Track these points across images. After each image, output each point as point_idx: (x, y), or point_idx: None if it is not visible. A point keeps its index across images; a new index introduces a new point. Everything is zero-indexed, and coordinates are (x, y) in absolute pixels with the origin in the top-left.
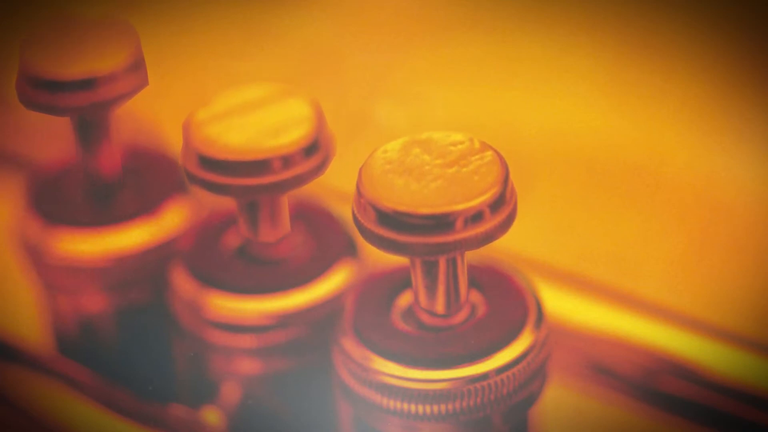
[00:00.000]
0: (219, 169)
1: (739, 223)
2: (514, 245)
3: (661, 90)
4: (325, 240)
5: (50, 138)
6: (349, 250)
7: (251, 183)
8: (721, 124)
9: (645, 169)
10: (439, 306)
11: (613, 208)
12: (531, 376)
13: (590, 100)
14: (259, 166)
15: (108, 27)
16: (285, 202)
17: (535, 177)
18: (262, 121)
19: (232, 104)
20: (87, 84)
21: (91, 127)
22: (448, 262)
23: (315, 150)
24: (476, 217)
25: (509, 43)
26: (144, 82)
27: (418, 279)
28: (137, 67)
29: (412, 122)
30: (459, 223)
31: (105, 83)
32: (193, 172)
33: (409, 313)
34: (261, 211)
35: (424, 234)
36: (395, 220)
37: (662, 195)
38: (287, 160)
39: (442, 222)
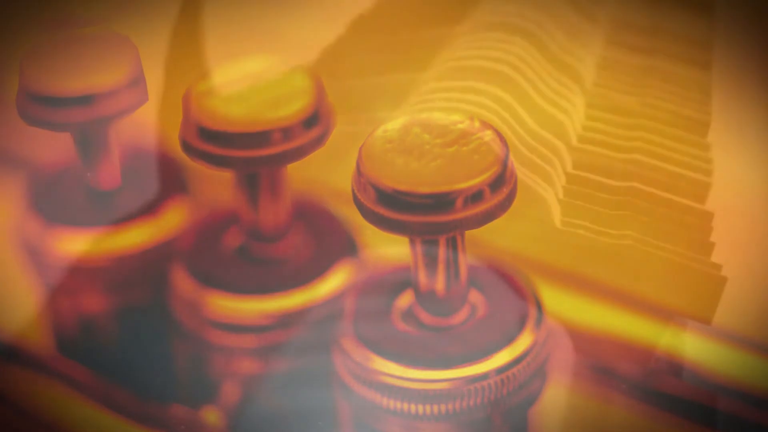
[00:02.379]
0: (219, 141)
1: (739, 223)
2: (514, 245)
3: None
4: (325, 240)
5: (50, 138)
6: (349, 250)
7: (251, 155)
8: (721, 124)
9: None
10: (440, 285)
11: None
12: (531, 376)
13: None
14: (260, 137)
15: (108, 43)
16: (285, 178)
17: None
18: (263, 93)
19: (232, 76)
20: (86, 100)
21: (91, 141)
22: (448, 242)
23: (315, 122)
24: (476, 196)
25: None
26: (144, 98)
27: (418, 259)
28: (137, 83)
29: None
30: (459, 202)
31: (104, 100)
32: (193, 144)
33: (409, 313)
34: (261, 185)
35: (424, 213)
36: (395, 199)
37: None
38: (287, 132)
39: (442, 201)
